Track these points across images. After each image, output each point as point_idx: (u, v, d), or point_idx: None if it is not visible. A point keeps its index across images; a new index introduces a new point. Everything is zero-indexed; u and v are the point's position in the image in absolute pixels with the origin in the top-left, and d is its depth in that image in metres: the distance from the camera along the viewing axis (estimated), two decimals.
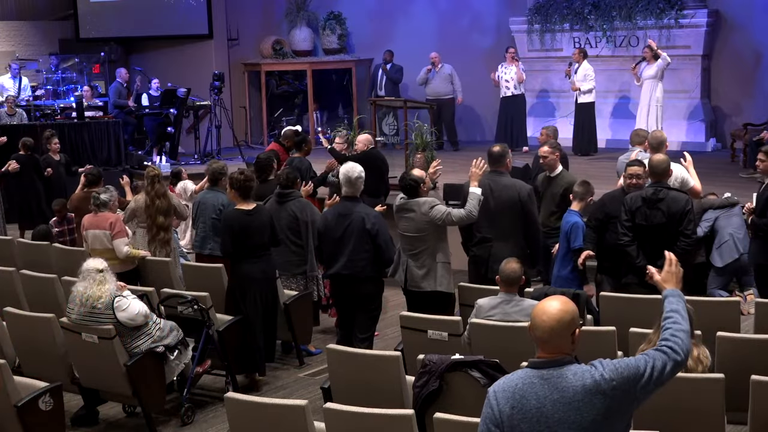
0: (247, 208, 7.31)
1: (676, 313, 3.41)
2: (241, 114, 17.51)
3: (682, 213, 6.85)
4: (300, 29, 17.46)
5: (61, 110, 15.44)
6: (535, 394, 3.17)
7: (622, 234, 7.00)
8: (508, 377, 3.31)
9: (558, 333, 3.20)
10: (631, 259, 6.95)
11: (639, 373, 3.19)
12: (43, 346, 6.57)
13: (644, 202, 6.93)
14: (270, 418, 4.79)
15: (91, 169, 9.95)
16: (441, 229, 7.09)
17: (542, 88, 15.94)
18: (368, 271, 6.85)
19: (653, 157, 7.29)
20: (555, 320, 3.20)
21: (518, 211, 7.31)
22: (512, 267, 6.06)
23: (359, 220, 6.81)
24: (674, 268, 3.59)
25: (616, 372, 3.16)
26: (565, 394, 3.14)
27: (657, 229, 6.87)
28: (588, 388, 3.14)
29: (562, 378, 3.17)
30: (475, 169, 7.15)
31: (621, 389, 3.15)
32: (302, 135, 10.55)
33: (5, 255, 9.29)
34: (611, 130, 15.13)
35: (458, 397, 5.10)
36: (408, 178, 7.16)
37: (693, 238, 7.02)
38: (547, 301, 3.29)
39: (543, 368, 3.20)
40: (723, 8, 14.59)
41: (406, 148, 12.02)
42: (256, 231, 7.23)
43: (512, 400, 3.20)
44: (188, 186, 10.75)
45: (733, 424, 5.38)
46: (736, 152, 13.48)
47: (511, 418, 3.19)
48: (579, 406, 3.13)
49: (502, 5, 16.41)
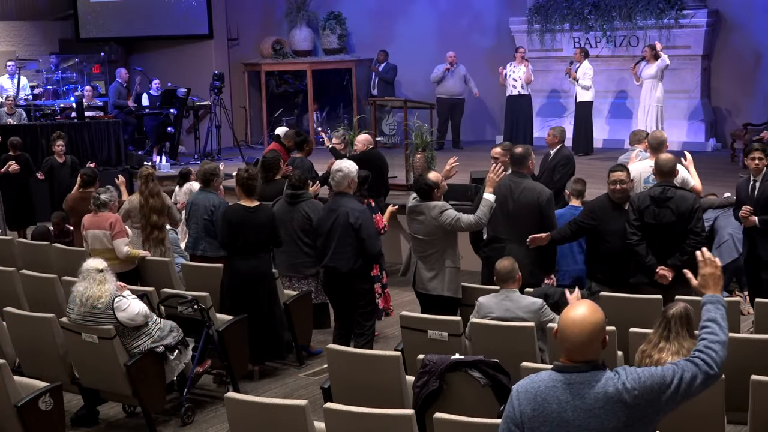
0: (249, 205, 7.38)
1: (713, 322, 3.25)
2: (241, 114, 17.52)
3: (691, 211, 6.83)
4: (300, 29, 17.46)
5: (61, 110, 15.43)
6: (557, 398, 3.13)
7: (630, 233, 6.97)
8: (532, 378, 3.24)
9: (587, 344, 3.13)
10: (641, 258, 6.93)
11: (665, 384, 3.11)
12: (43, 346, 6.57)
13: (653, 201, 6.90)
14: (270, 418, 4.79)
15: (86, 170, 9.90)
16: (451, 233, 7.09)
17: (542, 88, 15.92)
18: (352, 265, 6.87)
19: (660, 156, 7.28)
20: (587, 333, 3.12)
21: (536, 214, 7.26)
22: (503, 264, 6.14)
23: (344, 214, 6.86)
24: (710, 269, 3.38)
25: (638, 381, 3.09)
26: (587, 401, 3.09)
27: (666, 227, 6.85)
28: (609, 396, 3.08)
29: (586, 384, 3.11)
30: (492, 175, 7.03)
31: (644, 399, 3.08)
32: (303, 135, 10.56)
33: (5, 255, 9.29)
34: (610, 130, 15.14)
35: (458, 397, 5.10)
36: (422, 181, 7.16)
37: (702, 236, 6.99)
38: (576, 309, 3.18)
39: (568, 372, 3.14)
40: (723, 8, 14.59)
41: (406, 148, 12.02)
42: (254, 228, 7.29)
43: (534, 402, 3.16)
44: (194, 186, 10.74)
45: (733, 424, 5.38)
46: (736, 152, 13.47)
47: (532, 420, 3.15)
48: (599, 414, 3.08)
49: (502, 5, 16.41)
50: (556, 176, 9.52)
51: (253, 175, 7.55)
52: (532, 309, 6.03)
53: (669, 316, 4.88)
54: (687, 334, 4.87)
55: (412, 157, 11.53)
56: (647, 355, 4.85)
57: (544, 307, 6.06)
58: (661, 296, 6.59)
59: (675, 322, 4.85)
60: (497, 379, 5.06)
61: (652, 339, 4.90)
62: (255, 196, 7.50)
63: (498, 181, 7.06)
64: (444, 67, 15.50)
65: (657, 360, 4.81)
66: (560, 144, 9.83)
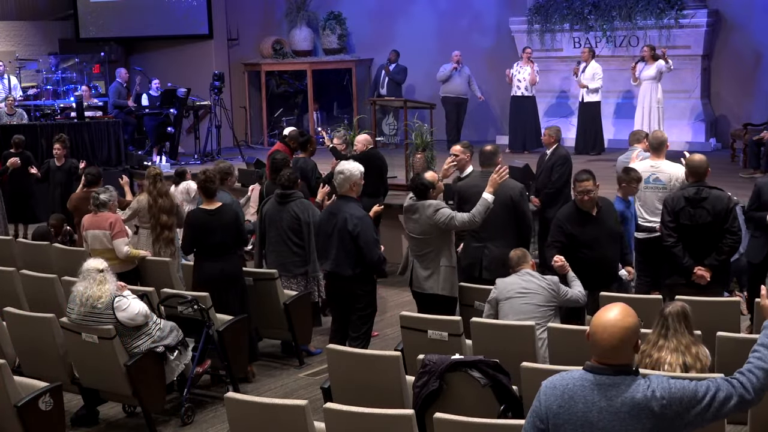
0: (209, 208, 7.44)
1: (765, 348, 3.17)
2: (241, 114, 17.51)
3: (726, 210, 6.83)
4: (300, 29, 17.46)
5: (61, 110, 15.44)
6: (584, 398, 3.10)
7: (666, 235, 6.97)
8: (563, 375, 3.22)
9: (619, 348, 3.10)
10: (678, 260, 6.91)
11: (696, 398, 3.07)
12: (43, 346, 6.57)
13: (687, 202, 6.88)
14: (270, 418, 4.79)
15: (90, 169, 9.90)
16: (446, 232, 7.10)
17: (542, 89, 15.91)
18: (351, 270, 6.86)
19: (692, 157, 7.24)
20: (618, 338, 3.09)
21: (511, 211, 7.32)
22: (516, 252, 6.61)
23: (343, 220, 6.84)
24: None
25: (668, 391, 3.06)
26: (613, 404, 3.07)
27: (703, 228, 6.85)
28: (637, 402, 3.05)
29: (615, 387, 3.08)
30: (495, 176, 7.04)
31: (672, 410, 3.05)
32: (307, 135, 10.57)
33: (5, 255, 9.29)
34: (613, 130, 15.12)
35: (458, 397, 5.10)
36: (419, 180, 7.17)
37: (739, 235, 6.97)
38: (608, 313, 3.14)
39: (599, 374, 3.11)
40: (723, 8, 14.58)
41: (406, 148, 12.01)
42: (216, 230, 7.33)
43: (561, 399, 3.14)
44: (191, 186, 10.74)
45: (733, 424, 5.37)
46: (736, 152, 13.47)
47: (557, 416, 3.14)
48: (624, 419, 3.06)
49: (502, 5, 16.41)
50: (554, 176, 9.53)
51: (211, 177, 7.58)
52: (552, 281, 6.36)
53: (666, 314, 4.90)
54: (685, 330, 4.88)
55: (412, 157, 11.52)
56: (647, 354, 4.86)
57: (559, 283, 6.42)
58: (660, 296, 6.60)
59: (672, 319, 4.86)
60: (497, 379, 5.06)
61: (651, 339, 4.91)
62: (216, 198, 7.52)
63: (500, 182, 7.05)
64: (451, 66, 15.50)
65: (657, 359, 4.82)
66: (556, 143, 9.85)
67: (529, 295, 6.25)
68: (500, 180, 7.03)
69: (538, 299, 6.24)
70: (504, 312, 6.31)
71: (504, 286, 6.40)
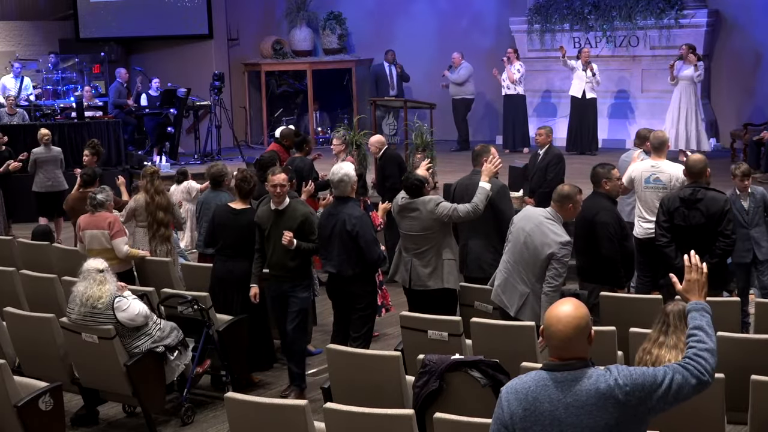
0: (235, 207, 7.45)
1: (699, 330, 3.27)
2: (241, 114, 17.52)
3: (721, 213, 6.76)
4: (300, 29, 17.47)
5: (61, 110, 15.44)
6: (548, 397, 3.12)
7: (659, 235, 6.95)
8: (521, 378, 3.24)
9: (575, 340, 3.13)
10: (669, 260, 6.87)
11: (656, 383, 3.11)
12: (43, 346, 6.57)
13: (682, 203, 6.86)
14: (270, 418, 4.79)
15: (86, 170, 9.88)
16: (446, 226, 7.11)
17: (542, 88, 15.94)
18: (354, 270, 6.86)
19: (690, 156, 7.26)
20: (571, 328, 3.12)
21: (489, 209, 7.30)
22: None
23: (342, 221, 6.84)
24: (696, 275, 3.40)
25: (630, 378, 3.10)
26: (579, 398, 3.09)
27: (696, 229, 6.81)
28: (602, 392, 3.09)
29: (577, 382, 3.11)
30: (489, 165, 7.12)
31: (635, 396, 3.09)
32: (302, 135, 10.60)
33: (5, 255, 9.28)
34: (609, 130, 15.14)
35: (458, 397, 5.10)
36: (412, 177, 7.18)
37: (732, 238, 6.90)
38: (560, 307, 3.19)
39: (557, 371, 3.14)
40: (723, 8, 14.60)
41: (406, 148, 12.02)
42: (234, 230, 7.33)
43: (525, 402, 3.15)
44: (192, 185, 10.77)
45: (733, 424, 5.37)
46: (736, 152, 13.47)
47: (524, 420, 3.14)
48: (591, 411, 3.08)
49: (502, 5, 16.42)
50: (549, 175, 9.59)
51: (248, 177, 7.55)
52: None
53: (668, 312, 4.90)
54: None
55: (412, 157, 11.53)
56: (647, 351, 4.85)
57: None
58: (660, 296, 6.59)
59: (673, 317, 4.86)
60: (497, 379, 5.06)
61: (652, 336, 4.91)
62: (247, 199, 7.51)
63: (495, 171, 7.15)
64: (470, 68, 15.56)
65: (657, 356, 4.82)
66: (550, 143, 9.91)
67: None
68: (495, 169, 7.12)
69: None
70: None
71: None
